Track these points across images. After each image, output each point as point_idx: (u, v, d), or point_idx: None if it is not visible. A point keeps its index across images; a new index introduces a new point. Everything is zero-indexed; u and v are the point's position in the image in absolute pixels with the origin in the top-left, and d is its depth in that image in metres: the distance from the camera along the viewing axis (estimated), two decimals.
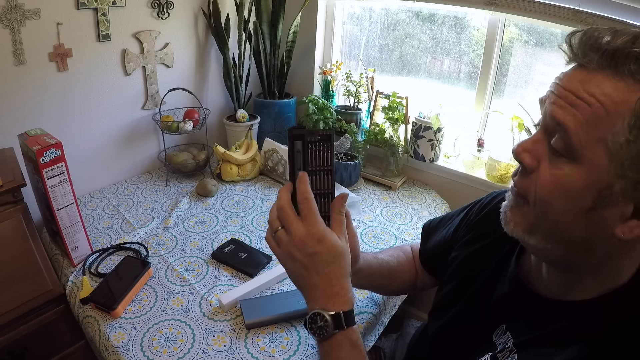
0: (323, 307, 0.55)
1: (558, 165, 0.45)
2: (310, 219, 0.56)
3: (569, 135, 0.43)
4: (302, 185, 0.57)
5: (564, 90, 0.44)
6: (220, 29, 1.52)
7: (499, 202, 0.69)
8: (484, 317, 0.60)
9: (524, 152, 0.48)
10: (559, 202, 0.45)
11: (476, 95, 1.45)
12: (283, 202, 0.57)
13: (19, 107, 1.15)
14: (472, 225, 0.72)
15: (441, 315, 0.68)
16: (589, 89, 0.42)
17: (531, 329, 0.53)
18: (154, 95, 1.48)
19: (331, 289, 0.56)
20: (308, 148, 0.59)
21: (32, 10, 1.09)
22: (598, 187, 0.42)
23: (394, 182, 1.49)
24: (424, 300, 1.54)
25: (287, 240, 0.56)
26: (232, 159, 1.47)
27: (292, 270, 0.58)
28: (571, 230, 0.46)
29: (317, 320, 0.55)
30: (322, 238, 0.55)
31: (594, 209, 0.43)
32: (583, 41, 0.43)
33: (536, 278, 0.57)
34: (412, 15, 1.55)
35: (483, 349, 0.58)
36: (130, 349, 0.81)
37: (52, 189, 0.92)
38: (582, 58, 0.44)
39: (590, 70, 0.43)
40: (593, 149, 0.42)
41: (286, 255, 0.57)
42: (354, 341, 0.56)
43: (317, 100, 1.56)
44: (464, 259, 0.69)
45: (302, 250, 0.55)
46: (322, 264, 0.55)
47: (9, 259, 0.93)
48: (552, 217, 0.46)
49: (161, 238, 1.15)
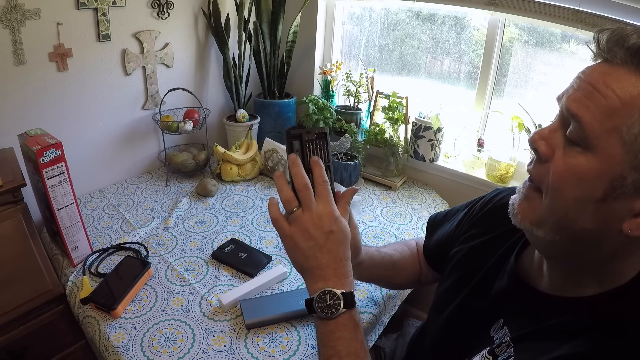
0: (333, 286, 0.56)
1: (572, 154, 0.45)
2: (328, 199, 0.58)
3: (582, 126, 0.44)
4: (318, 169, 0.59)
5: (583, 83, 0.45)
6: (220, 29, 1.52)
7: (502, 198, 0.70)
8: (482, 311, 0.61)
9: (539, 139, 0.49)
10: (571, 190, 0.45)
11: (476, 95, 1.45)
12: (305, 180, 0.58)
13: (19, 107, 1.15)
14: (475, 221, 0.72)
15: (441, 310, 0.69)
16: (607, 81, 0.43)
17: (529, 323, 0.53)
18: (154, 95, 1.48)
19: (342, 269, 0.58)
20: (306, 147, 0.61)
21: (32, 10, 1.09)
22: (610, 177, 0.43)
23: (394, 182, 1.49)
24: (424, 300, 1.54)
25: (305, 218, 0.57)
26: (232, 159, 1.47)
27: (302, 249, 0.58)
28: (580, 221, 0.46)
29: (327, 298, 0.56)
30: (337, 218, 0.58)
31: (604, 199, 0.44)
32: (610, 38, 0.44)
33: (536, 274, 0.57)
34: (412, 15, 1.55)
35: (481, 343, 0.58)
36: (130, 349, 0.81)
37: (52, 189, 0.92)
38: (607, 53, 0.45)
39: (613, 65, 0.44)
40: (607, 139, 0.42)
41: (300, 232, 0.57)
42: (357, 322, 0.58)
43: (317, 100, 1.56)
44: (465, 254, 0.70)
45: (320, 228, 0.57)
46: (336, 242, 0.58)
47: (9, 259, 0.93)
48: (562, 207, 0.46)
49: (161, 238, 1.15)
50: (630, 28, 0.44)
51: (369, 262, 0.78)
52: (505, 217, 0.62)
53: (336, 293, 0.56)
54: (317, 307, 0.56)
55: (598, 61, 0.46)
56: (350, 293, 0.57)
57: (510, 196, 0.64)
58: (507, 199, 0.68)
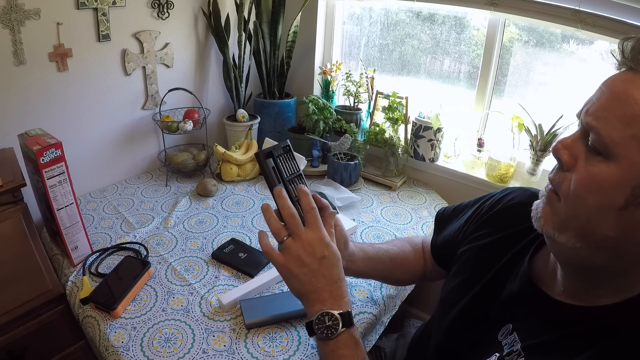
0: (330, 308, 0.59)
1: (594, 163, 0.45)
2: (318, 225, 0.61)
3: (601, 137, 0.44)
4: (305, 197, 0.63)
5: (604, 93, 0.46)
6: (220, 29, 1.52)
7: (511, 199, 0.69)
8: (490, 314, 0.60)
9: (563, 148, 0.49)
10: (592, 197, 0.45)
11: (476, 95, 1.45)
12: (292, 210, 0.61)
13: (18, 107, 1.15)
14: (483, 221, 0.71)
15: (448, 310, 0.68)
16: (629, 90, 0.43)
17: (540, 332, 0.52)
18: (154, 95, 1.48)
19: (337, 290, 0.61)
20: (279, 162, 0.65)
21: (32, 10, 1.09)
22: (632, 184, 0.43)
23: (394, 182, 1.49)
24: (425, 301, 1.54)
25: (296, 247, 0.60)
26: (232, 159, 1.47)
27: (297, 276, 0.61)
28: (602, 228, 0.45)
29: (325, 319, 0.59)
30: (329, 243, 0.61)
31: (626, 207, 0.43)
32: (635, 46, 0.44)
33: (549, 278, 0.56)
34: (412, 15, 1.55)
35: (489, 348, 0.57)
36: (130, 349, 0.81)
37: (52, 189, 0.92)
38: (631, 61, 0.45)
39: (636, 73, 0.44)
40: (628, 147, 0.43)
41: (294, 261, 0.60)
42: (357, 339, 0.60)
43: (317, 100, 1.57)
44: (473, 253, 0.69)
45: (312, 255, 0.60)
46: (329, 266, 0.61)
47: (9, 259, 0.93)
48: (584, 214, 0.46)
49: (161, 238, 1.15)
50: None
51: (361, 254, 0.80)
52: (514, 218, 0.62)
53: (334, 314, 0.58)
54: (317, 328, 0.59)
55: (622, 69, 0.46)
56: (347, 312, 0.59)
57: (520, 198, 0.63)
58: (517, 200, 0.67)
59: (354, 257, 0.78)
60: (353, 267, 0.78)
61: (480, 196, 0.78)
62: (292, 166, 0.67)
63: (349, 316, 0.59)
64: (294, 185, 0.66)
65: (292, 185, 0.66)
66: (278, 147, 0.66)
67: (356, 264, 0.79)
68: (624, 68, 0.46)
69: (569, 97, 1.29)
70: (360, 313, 0.94)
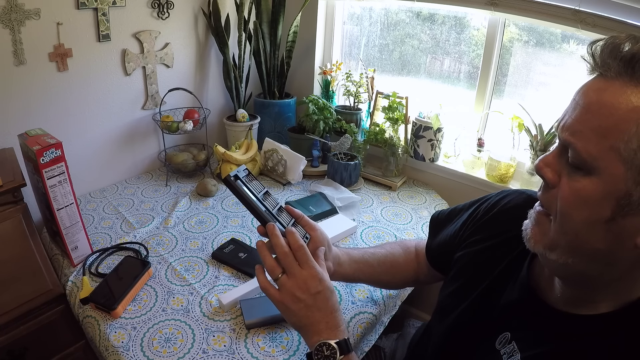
0: (327, 338, 0.62)
1: (576, 179, 0.45)
2: (309, 262, 0.64)
3: (579, 153, 0.44)
4: (291, 236, 0.65)
5: (577, 105, 0.45)
6: (220, 29, 1.52)
7: (507, 202, 0.68)
8: (488, 321, 0.60)
9: (545, 167, 0.49)
10: (578, 213, 0.45)
11: (476, 95, 1.45)
12: (284, 249, 0.64)
13: (19, 107, 1.15)
14: (480, 225, 0.70)
15: (445, 315, 0.68)
16: (602, 99, 0.42)
17: (540, 342, 0.52)
18: (154, 95, 1.48)
19: (333, 321, 0.63)
20: (246, 182, 0.69)
21: (32, 10, 1.09)
22: (616, 196, 0.42)
23: (394, 182, 1.49)
24: (424, 300, 1.54)
25: (291, 284, 0.63)
26: (232, 159, 1.47)
27: (294, 311, 0.63)
28: (592, 242, 0.45)
29: (324, 349, 0.61)
30: (322, 278, 0.64)
31: (613, 219, 0.43)
32: (604, 49, 0.43)
33: (547, 287, 0.56)
34: (412, 15, 1.55)
35: (486, 355, 0.57)
36: (130, 349, 0.81)
37: (52, 189, 0.92)
38: (601, 67, 0.44)
39: (608, 79, 0.43)
40: (606, 159, 0.42)
41: (289, 297, 0.63)
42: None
43: (317, 100, 1.57)
44: (470, 259, 0.68)
45: (307, 291, 0.63)
46: (324, 300, 0.63)
47: (9, 259, 0.93)
48: (572, 230, 0.46)
49: (161, 238, 1.15)
50: (623, 36, 0.42)
51: (346, 258, 0.81)
52: (511, 222, 0.61)
53: (331, 344, 0.61)
54: (317, 359, 0.61)
55: (594, 75, 0.45)
56: (344, 340, 0.62)
57: (516, 201, 0.63)
58: (513, 203, 0.67)
59: (340, 260, 0.78)
60: (340, 271, 0.79)
61: (476, 199, 0.77)
62: (257, 183, 0.71)
63: (345, 343, 0.61)
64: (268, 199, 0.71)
65: (267, 200, 0.70)
66: (240, 171, 0.69)
67: (343, 267, 0.79)
68: (595, 74, 0.45)
69: (569, 97, 1.29)
70: (360, 313, 0.94)
